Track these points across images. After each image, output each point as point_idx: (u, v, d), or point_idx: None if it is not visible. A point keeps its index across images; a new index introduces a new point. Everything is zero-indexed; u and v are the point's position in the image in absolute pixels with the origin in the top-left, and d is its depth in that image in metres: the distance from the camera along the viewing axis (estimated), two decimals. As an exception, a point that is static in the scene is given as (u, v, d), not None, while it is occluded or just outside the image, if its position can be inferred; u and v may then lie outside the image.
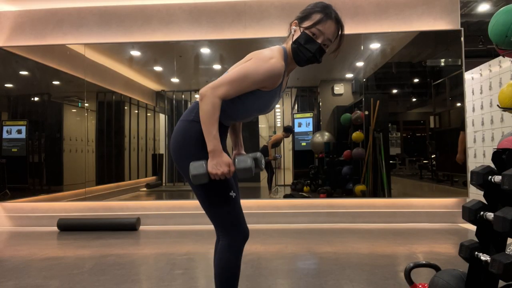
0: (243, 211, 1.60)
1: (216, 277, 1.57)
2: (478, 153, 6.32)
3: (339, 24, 1.54)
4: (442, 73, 5.15)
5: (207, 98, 1.41)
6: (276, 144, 5.90)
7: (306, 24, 1.52)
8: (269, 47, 1.57)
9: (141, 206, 4.92)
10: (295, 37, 1.54)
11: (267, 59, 1.47)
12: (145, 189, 5.96)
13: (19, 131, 5.11)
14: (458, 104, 4.89)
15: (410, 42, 4.91)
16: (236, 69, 1.47)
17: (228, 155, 1.61)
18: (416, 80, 5.54)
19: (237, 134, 1.82)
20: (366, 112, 5.11)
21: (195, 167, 1.42)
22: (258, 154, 1.56)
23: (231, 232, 1.54)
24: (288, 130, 5.78)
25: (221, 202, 1.52)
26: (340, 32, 1.56)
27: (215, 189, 1.51)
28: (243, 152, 1.80)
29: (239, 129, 1.84)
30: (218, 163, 1.41)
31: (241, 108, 1.55)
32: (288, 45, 1.58)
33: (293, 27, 1.56)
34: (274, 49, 1.54)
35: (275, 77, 1.48)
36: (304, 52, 1.52)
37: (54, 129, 5.36)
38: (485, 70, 6.19)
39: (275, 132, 6.53)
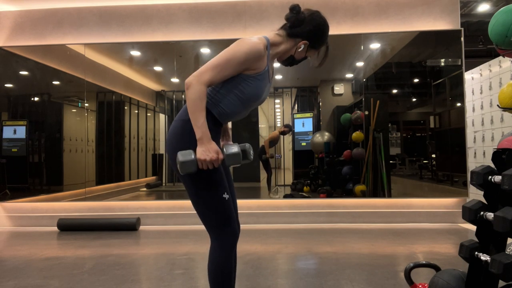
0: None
1: (210, 280, 1.55)
2: (478, 153, 6.32)
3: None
4: (442, 73, 5.14)
5: (193, 87, 1.42)
6: (273, 142, 5.86)
7: (313, 51, 1.66)
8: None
9: (141, 206, 4.92)
10: (296, 54, 1.64)
11: (247, 39, 1.52)
12: (145, 189, 5.96)
13: (14, 131, 5.09)
14: (458, 104, 4.89)
15: (410, 42, 4.91)
16: (219, 54, 1.50)
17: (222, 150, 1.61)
18: (416, 80, 5.53)
19: (224, 126, 1.82)
20: (366, 112, 5.10)
21: (183, 154, 1.40)
22: (247, 145, 1.55)
23: (221, 234, 1.53)
24: (288, 127, 5.76)
25: (214, 204, 1.51)
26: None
27: (209, 190, 1.50)
28: (231, 142, 1.80)
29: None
30: (207, 149, 1.41)
31: (234, 99, 1.55)
32: (283, 45, 1.62)
33: (302, 46, 1.62)
34: (255, 36, 1.58)
35: (258, 56, 1.50)
36: (292, 63, 1.69)
37: (54, 129, 5.36)
38: (485, 70, 6.19)
39: (275, 132, 6.52)
